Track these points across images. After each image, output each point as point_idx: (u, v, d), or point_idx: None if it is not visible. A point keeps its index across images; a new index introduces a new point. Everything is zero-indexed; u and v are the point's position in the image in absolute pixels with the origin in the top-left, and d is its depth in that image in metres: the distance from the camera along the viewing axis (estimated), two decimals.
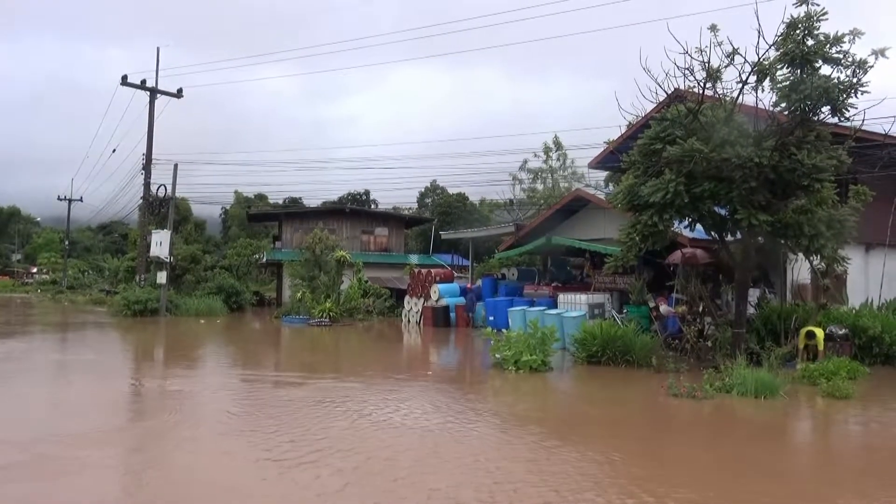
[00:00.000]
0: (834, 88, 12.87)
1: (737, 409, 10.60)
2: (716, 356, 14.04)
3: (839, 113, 13.25)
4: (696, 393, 11.02)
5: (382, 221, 43.38)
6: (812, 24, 13.04)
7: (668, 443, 8.85)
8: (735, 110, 14.28)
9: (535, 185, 44.84)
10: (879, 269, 19.83)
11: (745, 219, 13.44)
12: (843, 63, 12.97)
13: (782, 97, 13.49)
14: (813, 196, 13.73)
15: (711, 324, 15.89)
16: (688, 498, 6.20)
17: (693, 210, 14.44)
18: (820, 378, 12.21)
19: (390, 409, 9.92)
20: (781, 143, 13.33)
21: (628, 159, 15.33)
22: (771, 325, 15.56)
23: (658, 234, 14.55)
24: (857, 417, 10.55)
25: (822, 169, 13.26)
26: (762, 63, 13.41)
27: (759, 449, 8.29)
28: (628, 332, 15.06)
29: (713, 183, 13.70)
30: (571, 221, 23.47)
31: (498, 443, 8.16)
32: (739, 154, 13.09)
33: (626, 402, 11.62)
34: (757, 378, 11.17)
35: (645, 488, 6.46)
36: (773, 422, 10.12)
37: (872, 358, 15.14)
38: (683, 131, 14.18)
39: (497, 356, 14.35)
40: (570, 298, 19.90)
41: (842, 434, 9.84)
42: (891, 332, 15.46)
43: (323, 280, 28.65)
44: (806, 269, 17.41)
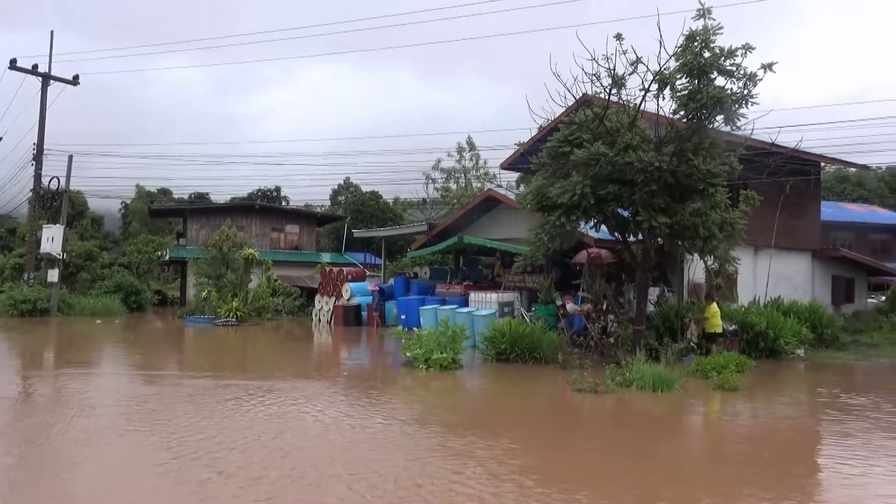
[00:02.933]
0: (727, 99, 13.69)
1: (635, 403, 11.07)
2: (618, 352, 14.59)
3: (731, 122, 14.11)
4: (599, 388, 11.42)
5: (293, 219, 42.50)
6: (709, 38, 13.77)
7: (567, 435, 9.15)
8: (638, 116, 14.93)
9: (448, 184, 45.17)
10: (766, 270, 21.21)
11: (645, 221, 14.05)
12: (735, 75, 13.82)
13: (681, 105, 14.22)
14: (708, 200, 14.52)
15: (614, 321, 16.52)
16: (579, 485, 6.42)
17: (598, 212, 14.96)
18: (711, 371, 12.93)
19: (297, 409, 9.72)
20: (680, 149, 14.03)
21: (538, 161, 15.72)
22: (669, 323, 16.34)
23: (565, 234, 15.00)
24: (744, 408, 11.25)
25: (716, 174, 14.06)
26: (663, 72, 14.07)
27: (653, 440, 8.72)
28: (536, 329, 15.42)
29: (617, 186, 14.23)
30: (483, 221, 23.80)
31: (403, 439, 8.15)
32: (642, 158, 13.67)
33: (532, 398, 11.90)
34: (655, 373, 11.71)
35: (537, 477, 6.70)
36: (667, 414, 10.64)
37: (759, 352, 16.19)
38: (590, 135, 14.67)
39: (408, 355, 14.36)
40: (480, 297, 20.17)
41: (729, 424, 10.45)
42: (775, 327, 16.59)
43: (230, 278, 27.77)
44: (701, 269, 18.38)
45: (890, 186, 51.45)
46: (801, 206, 23.18)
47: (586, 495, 6.21)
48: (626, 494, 6.34)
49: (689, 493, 6.47)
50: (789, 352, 16.78)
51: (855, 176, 49.75)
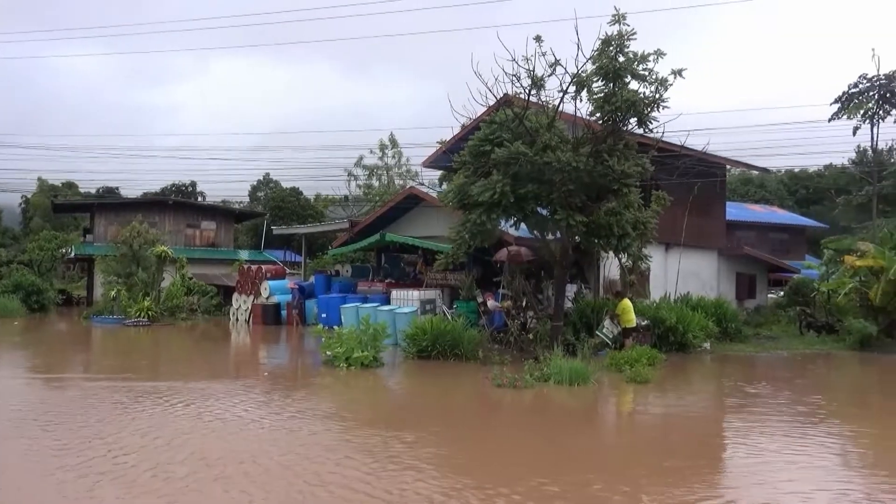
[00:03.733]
0: (640, 102, 14.21)
1: (552, 397, 11.35)
2: (536, 348, 14.90)
3: (644, 124, 14.65)
4: (517, 383, 11.64)
5: (210, 215, 41.11)
6: (623, 43, 14.25)
7: (482, 429, 9.32)
8: (557, 117, 15.28)
9: (370, 181, 44.86)
10: (676, 267, 22.15)
11: (563, 219, 14.41)
12: (648, 80, 14.35)
13: (597, 108, 14.66)
14: (622, 199, 15.02)
15: (534, 317, 16.86)
16: (483, 474, 6.53)
17: (518, 210, 15.22)
18: (625, 365, 13.41)
19: (210, 410, 9.43)
20: (596, 150, 14.46)
21: (459, 159, 15.84)
22: (586, 318, 16.82)
23: (486, 232, 15.19)
24: (655, 399, 11.73)
25: (629, 175, 14.56)
26: (580, 75, 14.46)
27: (566, 431, 9.01)
28: (457, 326, 15.54)
29: (536, 185, 14.52)
30: (406, 219, 23.76)
31: (321, 437, 8.06)
32: (560, 158, 14.00)
33: (452, 394, 12.02)
34: (571, 367, 12.03)
35: (449, 467, 6.90)
36: (582, 407, 11.00)
37: (669, 346, 16.90)
38: (510, 135, 14.90)
39: (328, 353, 14.18)
40: (402, 295, 20.14)
41: (640, 415, 10.90)
42: (684, 322, 17.35)
43: (141, 277, 26.58)
44: (616, 266, 19.00)
45: (788, 188, 54.74)
46: (709, 206, 24.35)
47: (487, 482, 6.32)
48: (524, 480, 6.51)
49: (595, 479, 6.68)
50: (697, 345, 17.60)
51: (757, 178, 52.60)
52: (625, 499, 6.09)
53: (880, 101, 26.57)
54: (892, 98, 26.50)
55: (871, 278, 20.63)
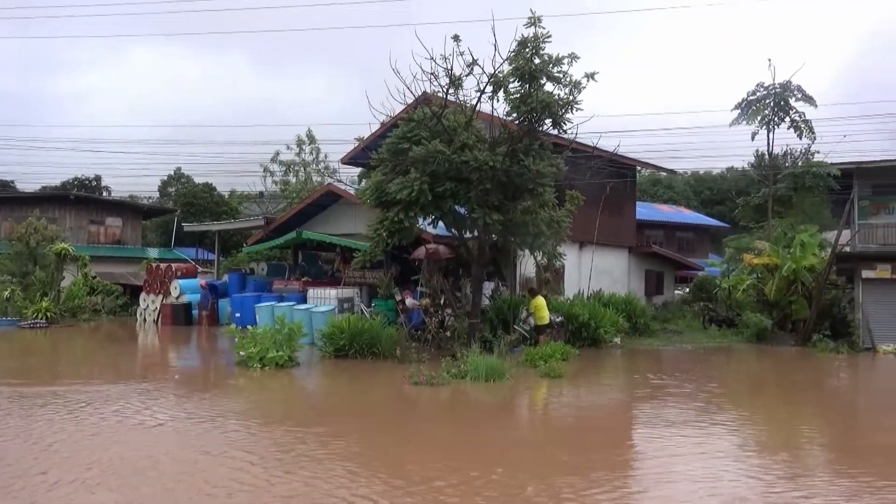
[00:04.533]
0: (555, 104, 14.55)
1: (468, 393, 11.48)
2: (454, 345, 15.02)
3: (559, 126, 15.01)
4: (434, 380, 11.69)
5: (116, 211, 39.10)
6: (539, 45, 14.53)
7: (397, 425, 9.32)
8: (474, 117, 15.43)
9: (287, 178, 43.88)
10: (589, 264, 22.83)
11: (480, 217, 14.58)
12: (562, 82, 14.71)
13: (513, 108, 14.89)
14: (537, 199, 15.34)
15: (451, 315, 16.97)
16: (398, 471, 6.55)
17: (436, 208, 15.29)
18: (539, 361, 13.71)
19: (117, 413, 8.99)
20: (512, 150, 14.70)
21: (377, 157, 15.75)
22: (502, 315, 17.09)
23: (404, 230, 15.17)
24: (567, 393, 12.07)
25: (544, 174, 14.90)
26: (497, 75, 14.66)
27: (480, 426, 9.11)
28: (375, 325, 15.46)
29: (454, 183, 14.63)
30: (324, 216, 23.41)
31: (231, 437, 7.82)
32: (477, 157, 14.16)
33: (369, 392, 11.95)
34: (487, 364, 12.20)
35: (361, 464, 6.92)
36: (497, 402, 11.17)
37: (581, 341, 17.42)
38: (428, 133, 14.94)
39: (241, 354, 13.79)
40: (320, 293, 19.84)
41: (553, 408, 11.18)
42: (596, 318, 17.93)
43: (38, 276, 25.01)
44: (532, 264, 19.40)
45: (694, 189, 57.44)
46: (620, 206, 25.25)
47: (398, 477, 6.33)
48: (437, 474, 6.57)
49: (505, 472, 6.80)
50: (608, 340, 18.22)
51: (666, 179, 54.89)
52: (535, 491, 6.21)
53: (775, 108, 28.24)
54: (785, 106, 28.21)
55: (767, 275, 21.94)
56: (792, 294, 21.11)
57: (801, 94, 28.05)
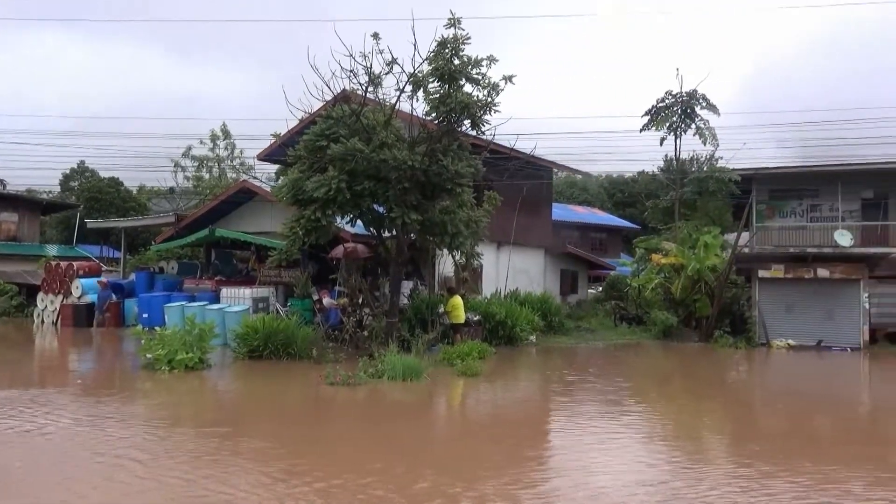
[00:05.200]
0: (474, 105, 14.70)
1: (385, 393, 11.44)
2: (372, 345, 14.93)
3: (477, 127, 15.18)
4: (351, 380, 11.58)
5: (10, 205, 36.60)
6: (458, 46, 14.65)
7: (311, 426, 9.21)
8: (393, 115, 15.39)
9: (200, 173, 42.41)
10: (507, 264, 23.23)
11: (399, 217, 14.55)
12: (481, 84, 14.89)
13: (433, 108, 14.95)
14: (455, 199, 15.46)
15: (369, 314, 16.88)
16: (310, 472, 6.47)
17: (354, 207, 15.15)
18: (456, 359, 13.83)
19: (11, 420, 8.42)
20: (431, 150, 14.76)
21: (294, 154, 15.45)
22: (421, 315, 17.13)
23: (321, 228, 14.95)
24: (484, 391, 12.23)
25: (463, 175, 15.03)
26: (417, 75, 14.67)
27: (395, 425, 9.11)
28: (291, 324, 15.15)
29: (373, 182, 14.54)
30: (238, 213, 22.75)
31: (135, 441, 7.48)
32: (396, 157, 14.12)
33: (283, 393, 11.71)
34: (405, 363, 12.19)
35: (272, 465, 6.76)
36: (413, 401, 11.18)
37: (498, 339, 17.70)
38: (347, 131, 14.79)
39: (148, 356, 13.21)
40: (233, 293, 19.27)
41: (469, 406, 11.31)
42: (513, 317, 18.26)
43: None
44: (450, 263, 19.54)
45: (608, 192, 59.39)
46: (537, 207, 25.82)
47: (309, 478, 6.24)
48: (348, 474, 6.51)
49: (420, 471, 6.82)
50: (524, 338, 18.59)
51: (581, 182, 56.47)
52: (448, 488, 6.25)
53: (682, 115, 29.59)
54: (691, 113, 29.62)
55: (674, 274, 22.96)
56: (696, 293, 22.20)
57: (706, 102, 29.50)
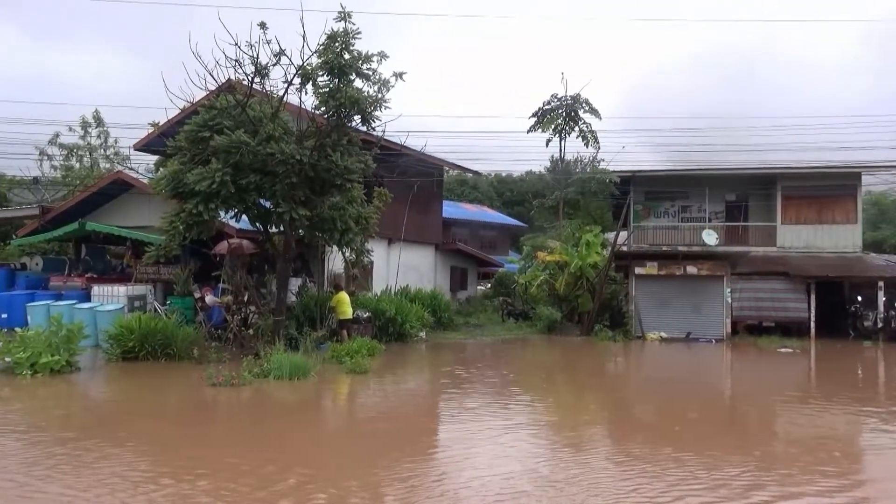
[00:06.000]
0: (364, 100, 14.59)
1: (271, 392, 11.17)
2: (258, 344, 14.51)
3: (367, 122, 15.08)
4: (235, 381, 11.21)
5: None
6: (349, 40, 14.48)
7: (189, 430, 8.85)
8: (281, 108, 15.01)
9: (69, 162, 39.44)
10: (397, 261, 23.26)
11: (286, 212, 14.21)
12: (371, 79, 14.80)
13: (322, 102, 14.71)
14: (345, 195, 15.32)
15: (256, 312, 16.39)
16: (184, 477, 6.26)
17: (239, 201, 14.64)
18: (345, 357, 13.72)
19: None
20: (320, 144, 14.51)
21: (175, 145, 14.74)
22: (309, 312, 16.84)
23: (204, 223, 14.35)
24: (373, 388, 12.22)
25: (352, 170, 14.89)
26: (306, 67, 14.38)
27: (280, 425, 8.93)
28: (170, 324, 14.46)
29: (259, 176, 14.12)
30: (113, 206, 21.36)
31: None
32: (283, 150, 13.79)
33: (160, 396, 11.18)
34: (292, 362, 11.95)
35: (131, 467, 6.58)
36: (300, 400, 11.00)
37: (388, 336, 17.72)
38: (232, 122, 14.29)
39: (6, 360, 12.18)
40: (106, 291, 18.08)
41: (357, 404, 11.26)
42: (403, 313, 18.33)
43: None
44: (340, 260, 19.32)
45: (497, 191, 60.85)
46: (427, 204, 26.02)
47: (184, 483, 6.03)
48: (225, 476, 6.36)
49: (291, 469, 6.75)
50: (414, 334, 18.71)
51: (471, 180, 57.45)
52: (311, 484, 6.20)
53: (567, 118, 30.86)
54: (576, 116, 30.94)
55: (558, 271, 23.88)
56: (578, 289, 23.20)
57: (589, 106, 30.92)
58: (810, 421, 10.05)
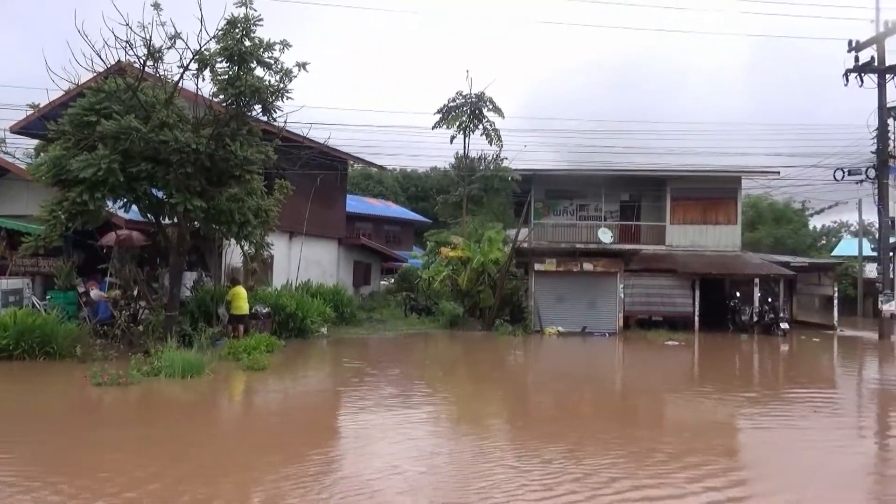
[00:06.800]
0: (265, 90, 14.20)
1: (162, 391, 10.68)
2: (148, 341, 13.83)
3: (268, 113, 14.68)
4: (122, 380, 10.64)
5: None
6: (250, 27, 14.04)
7: (67, 432, 8.31)
8: (176, 94, 14.34)
9: None
10: (298, 255, 22.80)
11: (180, 203, 13.62)
12: (273, 68, 14.41)
13: (221, 89, 14.19)
14: (244, 186, 14.84)
15: (146, 308, 15.63)
16: (61, 481, 5.92)
17: (129, 190, 13.90)
18: (242, 353, 13.32)
19: None
20: (218, 133, 13.98)
21: (57, 128, 13.78)
22: (205, 307, 16.22)
23: (89, 213, 13.52)
24: (271, 385, 11.92)
25: (252, 161, 14.46)
26: (203, 53, 13.81)
27: (170, 425, 8.58)
28: (50, 320, 13.51)
29: (151, 164, 13.45)
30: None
31: None
32: (178, 138, 13.20)
33: (34, 397, 10.40)
34: (184, 359, 11.47)
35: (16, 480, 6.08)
36: (193, 399, 10.59)
37: (289, 332, 17.36)
38: (122, 107, 13.54)
39: None
40: None
41: (253, 401, 10.97)
42: (304, 309, 18.00)
43: None
44: (239, 253, 18.72)
45: (402, 186, 60.79)
46: (331, 197, 25.66)
47: (59, 491, 5.70)
48: (110, 483, 6.05)
49: (198, 470, 6.53)
50: (315, 330, 18.42)
51: (376, 174, 57.12)
52: (182, 487, 6.01)
53: (471, 115, 31.26)
54: (480, 114, 31.39)
55: (461, 267, 24.21)
56: (480, 284, 23.63)
57: (493, 105, 31.44)
58: (690, 410, 10.69)
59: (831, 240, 52.02)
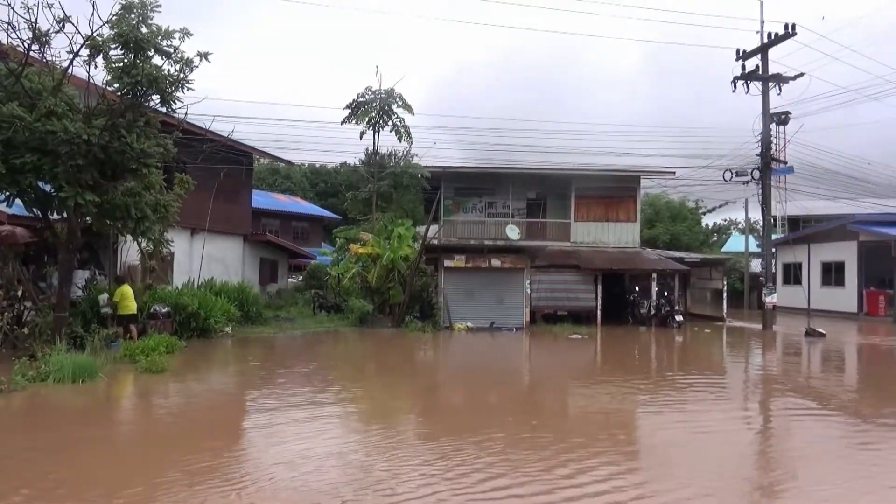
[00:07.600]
0: (164, 79, 13.56)
1: (48, 397, 10.06)
2: (34, 344, 12.97)
3: (168, 103, 14.02)
4: (3, 386, 9.93)
5: None
6: (147, 13, 13.38)
7: None
8: (65, 81, 13.51)
9: None
10: (201, 252, 22.01)
11: (70, 197, 12.84)
12: (173, 57, 13.79)
13: (115, 78, 13.46)
14: (141, 180, 14.17)
15: (32, 309, 14.66)
16: None
17: (12, 183, 13.01)
18: (140, 355, 12.73)
19: None
20: (112, 124, 13.28)
21: None
22: (98, 308, 15.37)
23: None
24: (170, 387, 11.43)
25: (150, 154, 13.81)
26: (96, 38, 13.07)
27: (48, 433, 8.07)
28: None
29: (37, 155, 12.63)
30: None
31: None
32: (67, 128, 12.45)
33: None
34: (75, 362, 10.85)
35: None
36: (84, 404, 10.02)
37: (190, 332, 16.72)
38: (4, 94, 12.68)
39: None
40: None
41: (151, 405, 10.48)
42: (206, 308, 17.40)
43: None
44: (136, 250, 17.87)
45: (311, 181, 59.74)
46: (235, 192, 24.90)
47: None
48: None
49: (51, 483, 6.21)
50: (219, 329, 17.85)
51: (284, 170, 55.90)
52: (71, 498, 5.75)
53: (381, 111, 31.15)
54: (389, 110, 31.32)
55: (370, 264, 24.09)
56: (390, 281, 23.61)
57: (402, 101, 31.45)
58: (591, 399, 11.13)
59: (722, 237, 55.34)
